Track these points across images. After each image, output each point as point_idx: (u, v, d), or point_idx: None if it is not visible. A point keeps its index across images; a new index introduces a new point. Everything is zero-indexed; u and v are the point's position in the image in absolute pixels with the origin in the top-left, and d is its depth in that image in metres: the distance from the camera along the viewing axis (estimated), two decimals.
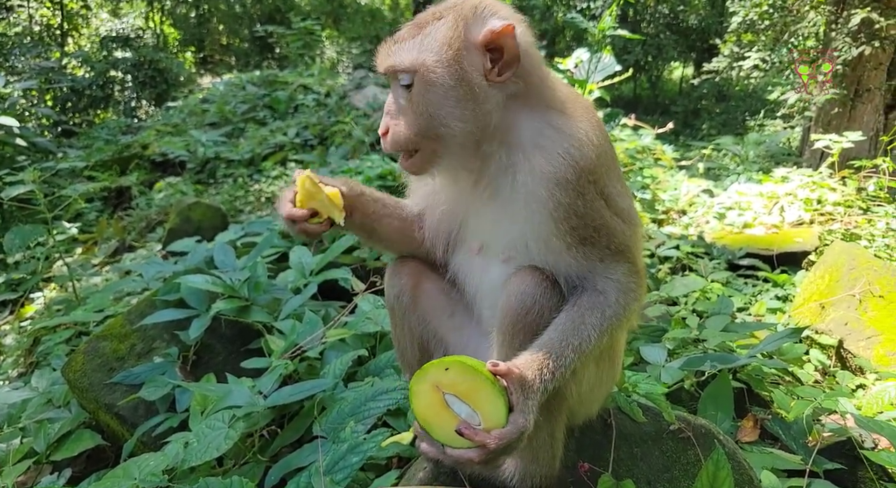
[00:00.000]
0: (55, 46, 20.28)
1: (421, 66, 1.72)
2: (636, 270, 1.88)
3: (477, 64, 1.73)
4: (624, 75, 6.18)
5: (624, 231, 1.85)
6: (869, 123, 9.16)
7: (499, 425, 1.56)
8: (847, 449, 2.63)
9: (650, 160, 8.52)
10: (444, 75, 1.71)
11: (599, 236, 1.78)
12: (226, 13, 28.30)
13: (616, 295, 1.81)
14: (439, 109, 1.73)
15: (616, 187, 1.87)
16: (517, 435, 1.56)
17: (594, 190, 1.76)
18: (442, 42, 1.72)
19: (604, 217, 1.78)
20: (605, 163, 1.82)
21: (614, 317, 1.80)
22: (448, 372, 1.61)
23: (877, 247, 5.51)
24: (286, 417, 2.87)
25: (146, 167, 12.02)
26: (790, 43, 11.05)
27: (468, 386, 1.59)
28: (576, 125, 1.78)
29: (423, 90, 1.73)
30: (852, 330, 3.96)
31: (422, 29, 1.77)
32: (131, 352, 3.50)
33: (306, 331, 3.37)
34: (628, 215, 1.89)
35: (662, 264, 5.44)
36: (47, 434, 3.15)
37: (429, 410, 1.63)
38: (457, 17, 1.74)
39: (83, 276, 6.71)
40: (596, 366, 1.94)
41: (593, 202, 1.76)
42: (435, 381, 1.62)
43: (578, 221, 1.74)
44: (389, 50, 1.81)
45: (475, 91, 1.72)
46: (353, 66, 23.62)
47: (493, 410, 1.58)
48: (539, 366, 1.66)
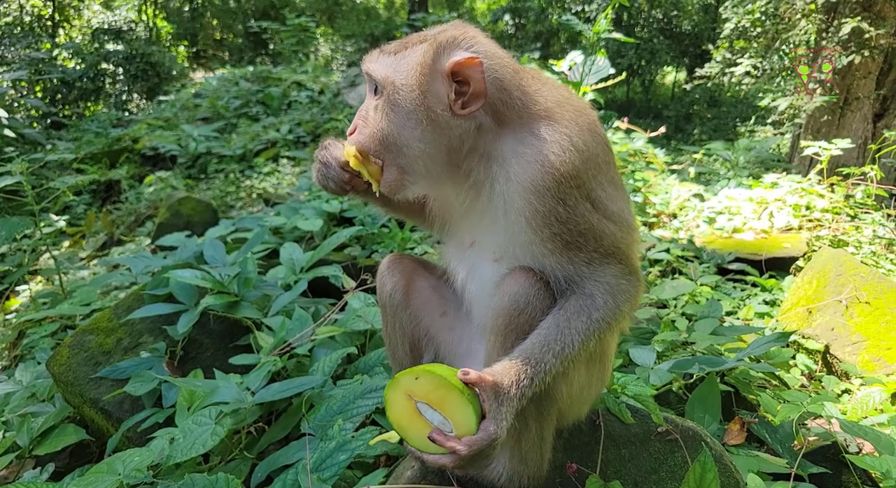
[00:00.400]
0: (46, 37, 20.11)
1: (389, 84, 1.75)
2: (629, 271, 1.85)
3: (441, 94, 1.73)
4: (617, 78, 6.21)
5: (614, 233, 1.81)
6: (858, 131, 9.26)
7: (470, 432, 1.60)
8: (832, 453, 2.65)
9: (642, 163, 8.55)
10: (406, 98, 1.73)
11: (585, 240, 1.75)
12: (220, 8, 28.20)
13: (605, 297, 1.79)
14: (399, 129, 1.76)
15: (607, 190, 1.83)
16: (487, 443, 1.59)
17: (578, 194, 1.73)
18: (412, 66, 1.74)
19: (589, 221, 1.75)
20: (592, 166, 1.78)
21: (602, 321, 1.78)
22: (418, 381, 1.64)
23: (864, 254, 5.56)
24: (274, 414, 2.86)
25: (136, 161, 11.94)
26: (781, 50, 11.12)
27: (438, 396, 1.62)
28: (559, 131, 1.75)
29: (388, 107, 1.77)
30: (839, 335, 3.99)
31: (405, 48, 1.80)
32: (118, 347, 3.47)
33: (296, 328, 3.36)
34: (620, 217, 1.84)
35: (653, 267, 5.46)
36: (31, 428, 3.12)
37: (402, 418, 1.68)
38: (433, 44, 1.73)
39: (70, 270, 6.66)
40: (586, 369, 1.94)
41: (576, 207, 1.72)
42: (407, 390, 1.65)
43: (560, 227, 1.72)
44: (373, 56, 1.86)
45: (436, 119, 1.73)
46: (348, 64, 23.64)
47: (463, 418, 1.61)
48: (517, 373, 1.66)
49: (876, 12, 8.88)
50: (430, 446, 1.63)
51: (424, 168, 1.80)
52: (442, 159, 1.79)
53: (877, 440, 2.55)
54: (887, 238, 5.92)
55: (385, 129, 1.77)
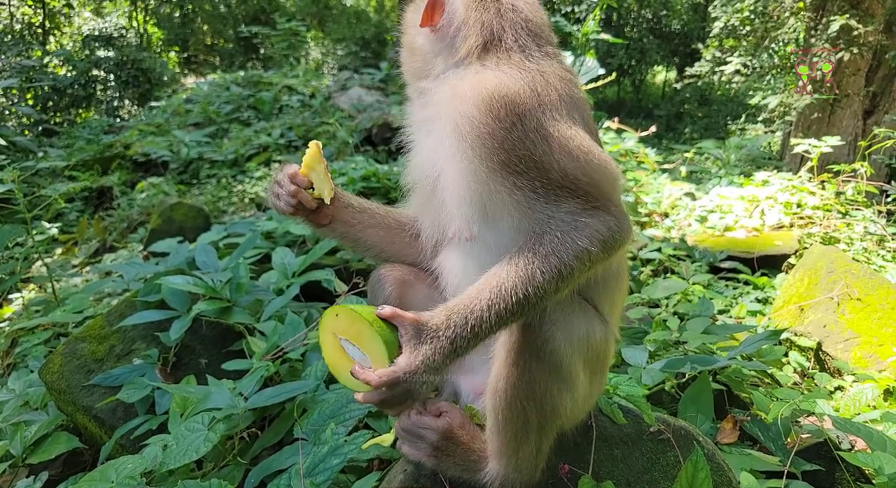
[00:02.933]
0: (37, 45, 20.05)
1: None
2: (595, 206, 1.68)
3: (416, 11, 1.94)
4: (607, 79, 6.24)
5: (567, 168, 1.66)
6: (848, 128, 9.31)
7: (383, 366, 1.63)
8: (824, 450, 2.66)
9: (633, 163, 8.58)
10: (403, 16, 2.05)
11: (527, 167, 1.64)
12: (210, 13, 28.13)
13: (555, 233, 1.64)
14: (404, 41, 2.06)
15: (568, 129, 1.72)
16: (397, 375, 1.60)
17: (517, 122, 1.64)
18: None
19: (531, 150, 1.64)
20: (541, 100, 1.71)
21: (552, 254, 1.62)
22: (338, 317, 1.72)
23: (855, 251, 5.59)
24: (267, 419, 2.86)
25: (128, 167, 11.91)
26: (771, 48, 11.18)
27: (355, 330, 1.68)
28: (518, 71, 1.75)
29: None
30: (831, 332, 4.01)
31: None
32: (110, 354, 3.46)
33: (288, 333, 3.35)
34: (584, 153, 1.70)
35: (644, 266, 5.48)
36: (24, 436, 3.11)
37: (332, 356, 1.75)
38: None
39: (63, 277, 6.64)
40: (589, 381, 1.93)
41: (523, 134, 1.64)
42: (331, 328, 1.73)
43: (496, 145, 1.63)
44: None
45: (410, 35, 2.00)
46: (338, 68, 23.62)
47: (377, 352, 1.65)
48: (449, 313, 1.64)
49: (864, 9, 8.93)
50: (352, 382, 1.68)
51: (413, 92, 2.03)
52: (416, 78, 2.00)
53: (869, 436, 2.56)
54: (878, 234, 5.96)
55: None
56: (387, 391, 1.63)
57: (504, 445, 1.87)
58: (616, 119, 9.07)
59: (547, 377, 1.76)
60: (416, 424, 2.07)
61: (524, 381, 1.76)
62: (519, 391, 1.77)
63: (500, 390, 1.80)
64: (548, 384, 1.77)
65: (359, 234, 2.15)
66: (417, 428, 2.06)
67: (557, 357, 1.75)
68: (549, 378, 1.76)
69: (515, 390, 1.77)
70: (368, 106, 13.30)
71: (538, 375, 1.75)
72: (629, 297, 4.53)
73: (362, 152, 10.27)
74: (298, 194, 1.95)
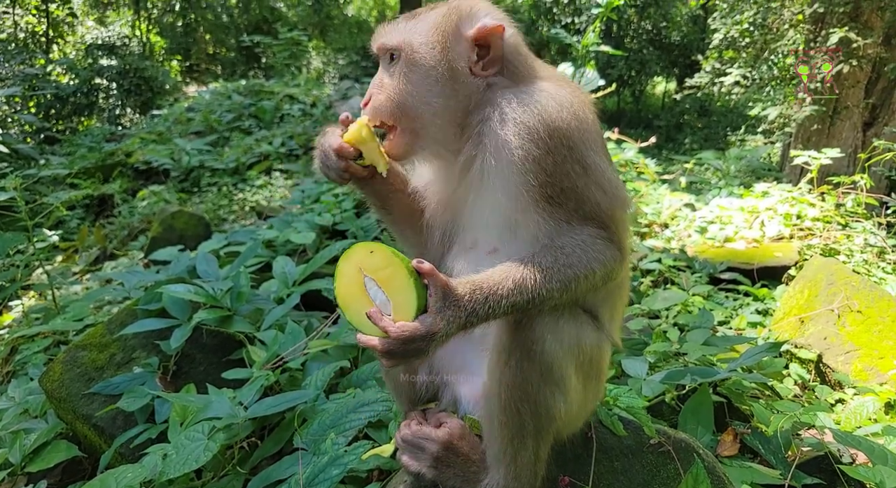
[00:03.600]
0: (40, 53, 20.11)
1: (407, 46, 1.85)
2: (609, 238, 1.81)
3: (463, 54, 1.85)
4: (608, 90, 6.26)
5: (600, 201, 1.80)
6: (847, 140, 9.33)
7: (407, 319, 1.58)
8: (825, 463, 2.65)
9: (633, 173, 8.59)
10: (426, 56, 1.83)
11: (567, 199, 1.76)
12: (213, 23, 28.26)
13: (574, 249, 1.76)
14: (419, 87, 1.84)
15: (599, 160, 1.84)
16: (419, 334, 1.57)
17: (567, 153, 1.75)
18: (431, 26, 1.86)
19: (575, 182, 1.76)
20: (584, 131, 1.81)
21: (567, 267, 1.73)
22: (373, 254, 1.64)
23: (855, 263, 5.59)
24: (267, 429, 2.86)
25: (129, 175, 11.93)
26: (770, 60, 11.22)
27: (388, 274, 1.61)
28: (557, 90, 1.83)
29: (406, 68, 1.86)
30: (831, 344, 4.01)
31: (416, 16, 1.92)
32: (111, 362, 3.46)
33: (288, 342, 3.36)
34: (610, 186, 1.84)
35: (644, 277, 5.48)
36: (23, 445, 3.11)
37: (348, 291, 1.67)
38: (451, 9, 1.87)
39: (63, 285, 6.63)
40: (584, 386, 1.93)
41: (564, 164, 1.75)
42: (359, 263, 1.65)
43: (546, 179, 1.73)
44: (383, 30, 1.95)
45: (456, 75, 1.84)
46: (339, 77, 23.72)
47: (404, 302, 1.60)
48: (473, 288, 1.66)
49: (863, 22, 8.98)
50: (364, 324, 1.61)
51: (436, 127, 1.88)
52: (452, 116, 1.87)
53: (870, 450, 2.55)
54: (878, 246, 5.96)
55: (403, 90, 1.86)
56: (399, 345, 1.58)
57: (502, 450, 1.87)
58: (616, 129, 9.10)
59: (539, 378, 1.77)
60: (417, 435, 2.07)
61: (517, 382, 1.77)
62: (513, 393, 1.78)
63: (495, 392, 1.82)
64: (540, 385, 1.78)
65: (389, 195, 2.15)
66: (418, 438, 2.06)
67: (548, 358, 1.77)
68: (540, 379, 1.77)
69: (509, 392, 1.79)
70: None
71: (530, 376, 1.77)
72: (630, 308, 4.53)
73: None
74: (350, 168, 1.94)
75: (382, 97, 1.89)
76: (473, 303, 1.64)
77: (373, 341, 1.60)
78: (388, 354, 1.60)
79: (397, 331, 1.57)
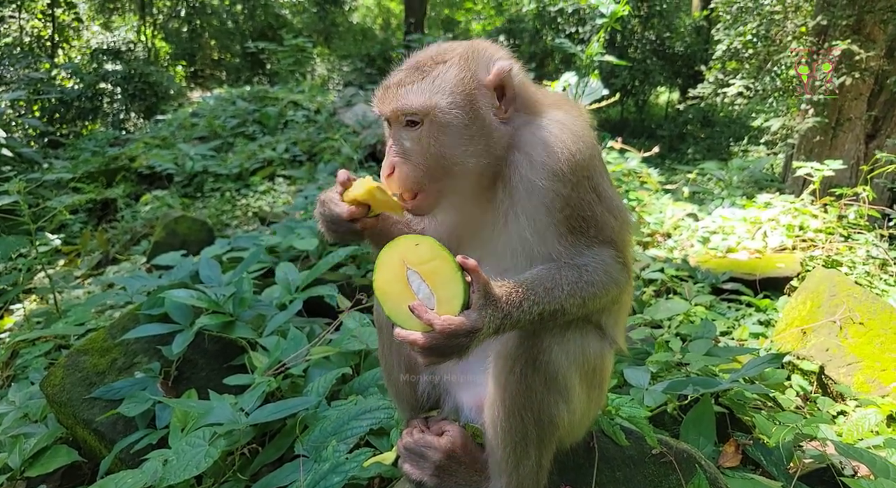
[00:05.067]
0: (45, 58, 20.20)
1: (434, 108, 1.77)
2: (622, 260, 1.90)
3: (487, 103, 1.82)
4: (611, 99, 6.27)
5: (613, 226, 1.89)
6: (850, 152, 9.34)
7: (452, 314, 1.56)
8: (827, 476, 2.64)
9: (636, 183, 8.60)
10: (458, 115, 1.77)
11: (588, 226, 1.82)
12: (218, 28, 28.39)
13: (596, 268, 1.82)
14: (453, 149, 1.79)
15: (608, 186, 1.92)
16: (464, 329, 1.55)
17: (587, 184, 1.81)
18: (454, 84, 1.79)
19: (594, 210, 1.83)
20: (596, 158, 1.88)
21: (589, 284, 1.78)
22: (418, 247, 1.62)
23: (857, 275, 5.58)
24: (268, 435, 2.85)
25: (133, 180, 11.94)
26: (773, 72, 11.24)
27: (433, 267, 1.59)
28: (573, 123, 1.85)
29: (435, 131, 1.78)
30: (833, 356, 4.00)
31: (425, 72, 1.81)
32: (112, 367, 3.46)
33: (290, 348, 3.36)
34: (620, 213, 1.93)
35: (647, 287, 5.47)
36: (23, 449, 3.10)
37: (388, 283, 1.63)
38: (462, 60, 1.81)
39: (65, 289, 6.64)
40: (587, 394, 1.93)
41: (586, 195, 1.81)
42: (403, 255, 1.62)
43: (571, 212, 1.79)
44: (394, 94, 1.82)
45: (489, 127, 1.81)
46: (344, 84, 23.80)
47: (449, 297, 1.57)
48: (509, 292, 1.66)
49: (865, 35, 9.00)
50: (404, 318, 1.58)
51: (466, 181, 1.85)
52: (484, 168, 1.84)
53: (872, 463, 2.55)
54: (881, 258, 5.95)
55: (436, 155, 1.79)
56: (444, 339, 1.56)
57: (504, 459, 1.87)
58: (619, 139, 9.12)
59: (543, 387, 1.78)
60: (419, 443, 2.07)
61: (521, 391, 1.78)
62: (516, 401, 1.79)
63: (499, 400, 1.82)
64: (544, 394, 1.79)
65: (391, 227, 2.12)
66: (420, 446, 2.06)
67: (553, 367, 1.78)
68: (545, 388, 1.78)
69: (513, 400, 1.79)
70: (373, 122, 13.34)
71: (534, 385, 1.77)
72: (632, 318, 4.52)
73: (366, 168, 10.31)
74: (364, 224, 1.89)
75: (409, 167, 1.80)
76: (510, 305, 1.65)
77: (414, 335, 1.57)
78: (430, 350, 1.57)
79: (443, 324, 1.55)
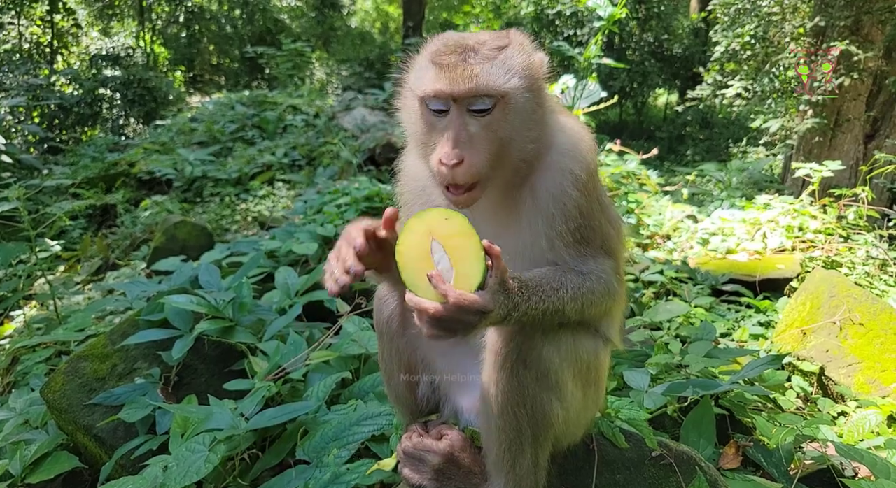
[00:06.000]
0: (44, 64, 20.26)
1: (512, 90, 1.73)
2: (619, 274, 1.94)
3: (543, 90, 1.85)
4: (609, 101, 6.27)
5: (614, 237, 1.94)
6: (849, 152, 9.35)
7: (467, 290, 1.58)
8: (828, 477, 2.64)
9: (635, 185, 8.59)
10: (530, 99, 1.77)
11: (595, 236, 1.86)
12: (216, 33, 28.41)
13: (597, 277, 1.86)
14: (520, 134, 1.77)
15: (605, 196, 1.98)
16: (476, 307, 1.56)
17: (595, 193, 1.87)
18: (524, 67, 1.77)
19: (600, 220, 1.88)
20: (597, 170, 1.94)
21: (590, 291, 1.82)
22: (448, 221, 1.62)
23: (857, 275, 5.59)
24: (268, 440, 2.85)
25: (132, 185, 11.96)
26: (772, 73, 11.26)
27: (458, 242, 1.61)
28: (584, 132, 1.91)
29: (508, 115, 1.74)
30: (833, 357, 4.00)
31: (493, 56, 1.73)
32: (112, 373, 3.46)
33: (290, 353, 3.36)
34: (616, 222, 1.99)
35: (646, 289, 5.47)
36: (23, 456, 3.10)
37: (411, 250, 1.64)
38: (520, 46, 1.81)
39: (65, 295, 6.64)
40: (582, 392, 1.93)
41: (593, 203, 1.85)
42: (431, 226, 1.63)
43: (582, 220, 1.82)
44: (469, 74, 1.70)
45: (544, 116, 1.83)
46: (343, 88, 23.80)
47: (468, 274, 1.59)
48: (521, 283, 1.69)
49: (864, 36, 9.02)
50: (420, 286, 1.60)
51: (514, 172, 1.83)
52: (532, 157, 1.83)
53: (873, 464, 2.55)
54: (880, 259, 5.96)
55: (505, 140, 1.74)
56: (454, 312, 1.55)
57: (500, 457, 1.87)
58: (618, 141, 9.11)
59: (535, 383, 1.78)
60: (418, 447, 2.07)
61: (513, 387, 1.78)
62: (509, 397, 1.79)
63: (492, 396, 1.82)
64: (536, 390, 1.79)
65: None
66: (419, 450, 2.06)
67: (544, 363, 1.78)
68: (536, 384, 1.78)
69: (505, 396, 1.79)
70: (372, 126, 13.37)
71: (526, 381, 1.78)
72: (631, 320, 4.52)
73: (365, 172, 10.32)
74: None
75: (477, 157, 1.70)
76: (520, 297, 1.67)
77: (426, 303, 1.57)
78: (437, 321, 1.57)
79: (457, 297, 1.55)
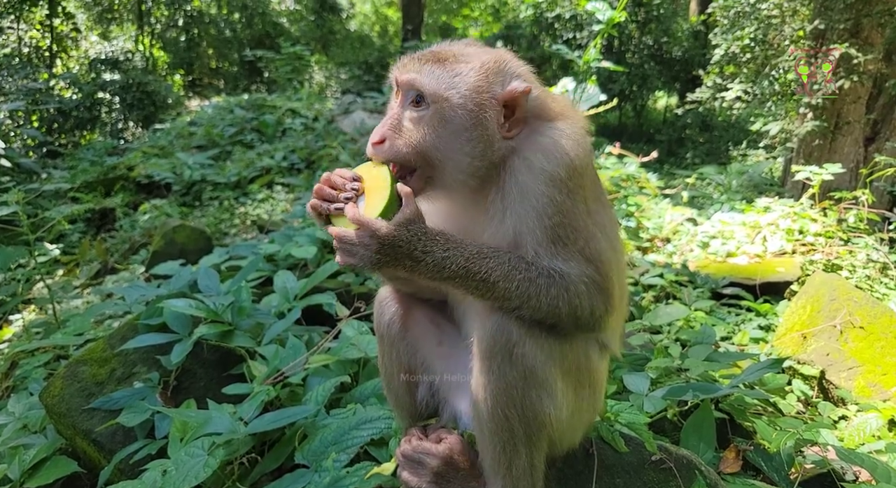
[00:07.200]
0: (44, 68, 20.26)
1: (443, 100, 1.81)
2: (598, 287, 1.82)
3: (494, 117, 1.83)
4: (609, 105, 6.28)
5: (600, 242, 1.84)
6: (849, 155, 9.35)
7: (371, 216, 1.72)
8: (828, 481, 2.63)
9: (635, 188, 8.59)
10: (464, 117, 1.81)
11: (575, 237, 1.79)
12: (215, 37, 28.44)
13: (559, 278, 1.77)
14: (448, 143, 1.82)
15: (598, 201, 1.93)
16: (370, 228, 1.67)
17: (580, 192, 1.82)
18: (470, 87, 1.81)
19: (585, 222, 1.82)
20: (591, 171, 1.90)
21: (534, 285, 1.76)
22: (374, 168, 1.83)
23: (857, 279, 5.58)
24: (267, 444, 2.84)
25: (131, 189, 11.94)
26: (771, 76, 11.27)
27: (376, 184, 1.79)
28: (573, 131, 1.86)
29: (437, 121, 1.82)
30: (834, 360, 3.99)
31: (446, 64, 1.84)
32: (111, 377, 3.45)
33: (289, 357, 3.35)
34: (609, 231, 1.92)
35: (646, 292, 5.46)
36: (22, 460, 3.09)
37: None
38: (483, 67, 1.84)
39: (64, 299, 6.63)
40: (575, 393, 1.93)
41: (578, 204, 1.81)
42: (362, 171, 1.85)
43: (561, 219, 1.78)
44: (413, 65, 1.87)
45: (489, 138, 1.83)
46: (342, 91, 23.83)
47: (374, 203, 1.75)
48: (443, 234, 1.76)
49: (863, 38, 9.03)
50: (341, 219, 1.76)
51: (454, 180, 1.87)
52: (474, 170, 1.86)
53: (873, 468, 2.54)
54: (881, 262, 5.95)
55: (429, 142, 1.83)
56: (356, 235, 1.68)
57: (495, 459, 1.87)
58: (617, 144, 9.13)
59: (522, 382, 1.78)
60: (417, 450, 2.07)
61: (501, 387, 1.78)
62: (498, 398, 1.79)
63: (482, 399, 1.82)
64: (525, 389, 1.79)
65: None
66: (418, 454, 2.06)
67: (530, 361, 1.78)
68: (524, 382, 1.78)
69: (495, 398, 1.79)
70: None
71: (513, 380, 1.78)
72: (631, 323, 4.51)
73: None
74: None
75: (403, 143, 1.84)
76: (431, 242, 1.72)
77: (336, 229, 1.72)
78: (339, 240, 1.70)
79: (353, 215, 1.68)
